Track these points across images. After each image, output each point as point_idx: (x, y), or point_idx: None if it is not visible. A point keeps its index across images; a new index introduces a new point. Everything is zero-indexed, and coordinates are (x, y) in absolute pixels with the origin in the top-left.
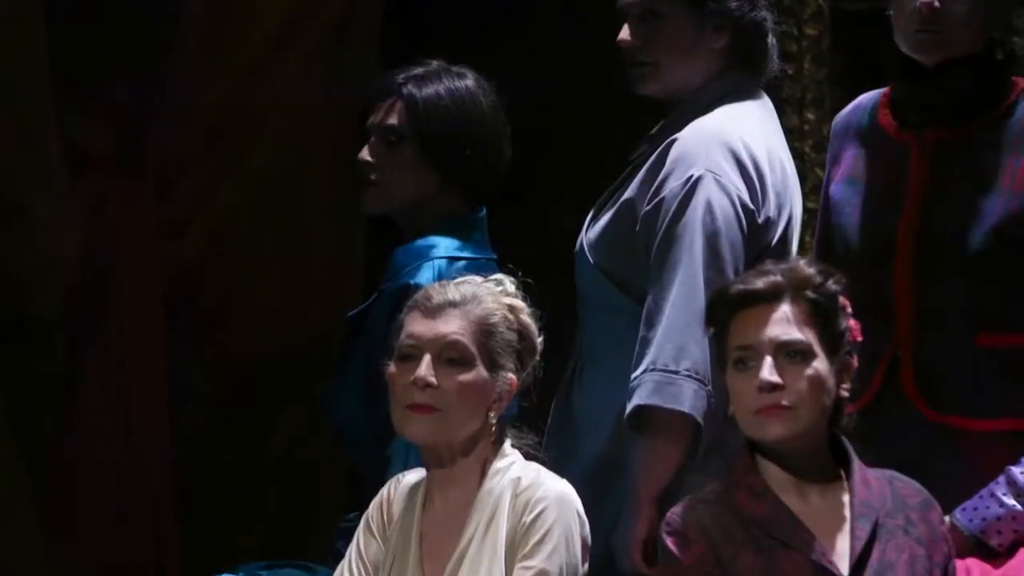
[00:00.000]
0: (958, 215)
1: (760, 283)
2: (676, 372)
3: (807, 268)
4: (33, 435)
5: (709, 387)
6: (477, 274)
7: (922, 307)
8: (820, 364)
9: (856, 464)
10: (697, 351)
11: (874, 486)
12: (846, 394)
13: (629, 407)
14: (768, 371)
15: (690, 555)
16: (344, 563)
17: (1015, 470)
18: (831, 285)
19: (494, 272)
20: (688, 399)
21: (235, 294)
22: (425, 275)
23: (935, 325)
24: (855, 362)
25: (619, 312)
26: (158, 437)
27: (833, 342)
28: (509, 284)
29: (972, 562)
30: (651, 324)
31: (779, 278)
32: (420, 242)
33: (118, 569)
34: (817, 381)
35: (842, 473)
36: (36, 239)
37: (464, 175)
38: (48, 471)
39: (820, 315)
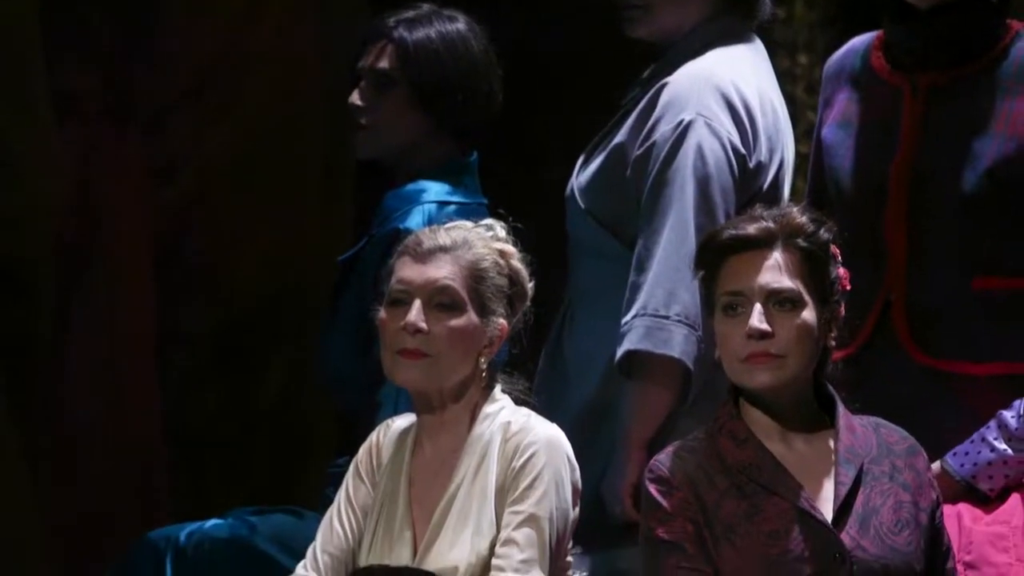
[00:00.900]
0: (951, 158)
1: (752, 229)
2: (666, 317)
3: (800, 216)
4: (20, 382)
5: (699, 332)
6: (467, 219)
7: (915, 250)
8: (809, 313)
9: (841, 411)
10: (687, 296)
11: (859, 433)
12: (833, 343)
13: (619, 352)
14: (757, 319)
15: (673, 501)
16: (333, 508)
17: (1006, 414)
18: (823, 234)
19: (485, 217)
20: (678, 344)
21: (224, 239)
22: (415, 219)
23: (928, 269)
24: (843, 311)
25: (609, 257)
26: (146, 383)
27: (823, 291)
28: (500, 229)
29: (963, 507)
30: (641, 269)
31: (771, 224)
32: (410, 186)
33: (107, 517)
34: (806, 330)
35: (827, 420)
36: (23, 184)
37: (455, 120)
38: (36, 418)
39: (811, 264)
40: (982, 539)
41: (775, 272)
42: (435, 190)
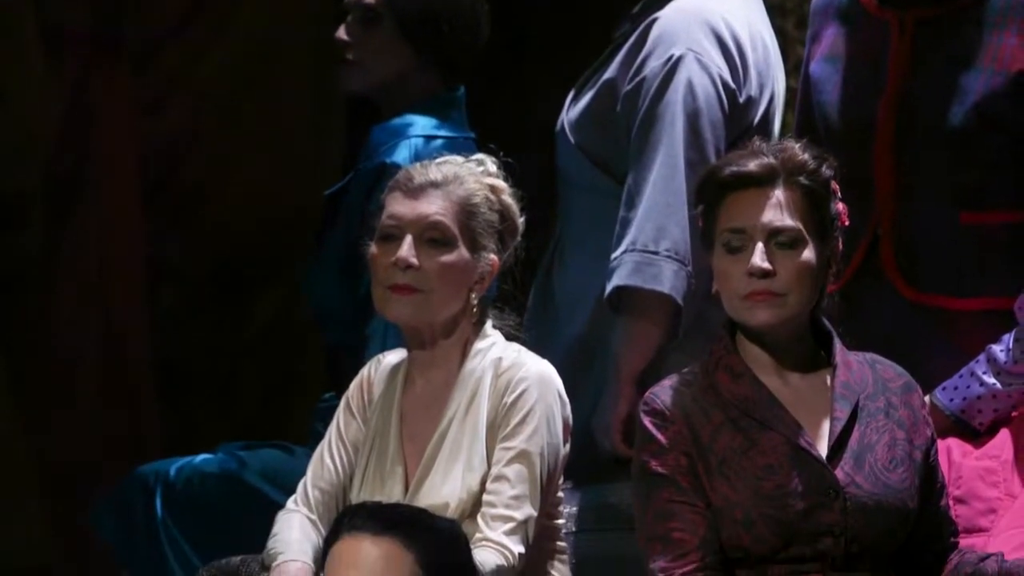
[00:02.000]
0: (939, 93)
1: (753, 166)
2: (656, 253)
3: (801, 153)
4: (9, 314)
5: (689, 267)
6: (454, 153)
7: (902, 185)
8: (810, 251)
9: (838, 347)
10: (677, 231)
11: (855, 369)
12: (832, 278)
13: (609, 287)
14: (759, 257)
15: (668, 435)
16: (324, 443)
17: (995, 348)
18: (824, 171)
19: (472, 151)
20: (668, 279)
21: (213, 172)
22: (402, 153)
23: (915, 203)
24: (841, 246)
25: (599, 192)
26: (135, 316)
27: (823, 228)
28: (491, 164)
29: (952, 442)
30: (631, 204)
31: (773, 161)
32: (397, 120)
33: (96, 450)
34: (806, 268)
35: (823, 356)
36: (13, 118)
37: (441, 53)
38: (25, 351)
39: (812, 201)
40: (971, 474)
41: (777, 210)
42: (422, 124)
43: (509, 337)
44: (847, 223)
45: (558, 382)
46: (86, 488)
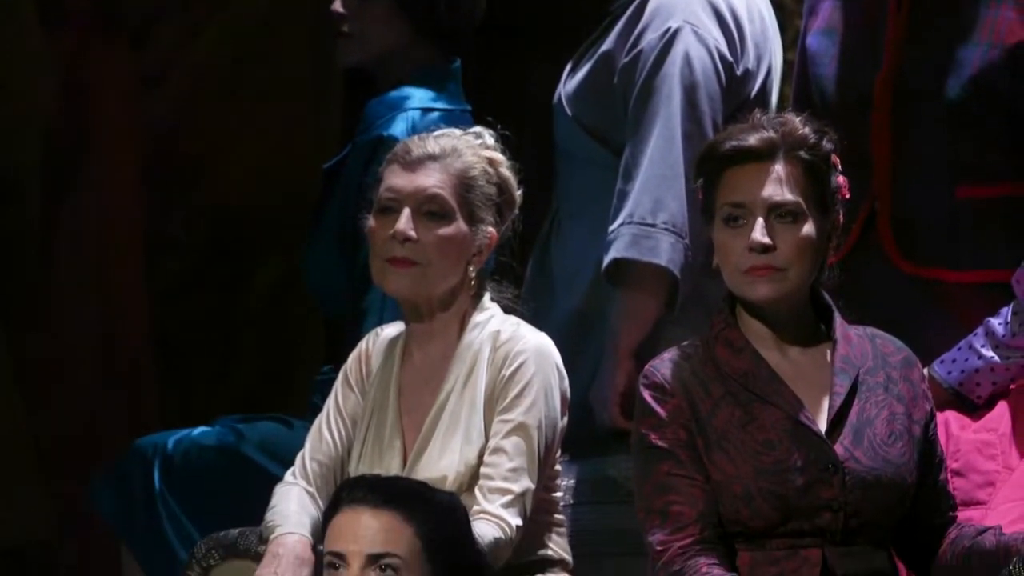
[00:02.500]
0: (936, 67)
1: (753, 140)
2: (653, 225)
3: (802, 127)
4: (8, 288)
5: (686, 240)
6: (451, 126)
7: (900, 159)
8: (810, 226)
9: (838, 321)
10: (674, 204)
11: (855, 343)
12: (832, 251)
13: (606, 260)
14: (760, 232)
15: (667, 408)
16: (322, 417)
17: (993, 321)
18: (825, 144)
19: (469, 124)
20: (665, 252)
21: (212, 145)
22: (398, 127)
23: (913, 177)
24: (841, 219)
25: (597, 165)
26: (134, 290)
27: (824, 202)
28: (488, 137)
29: (950, 415)
30: (628, 177)
31: (773, 135)
32: (393, 93)
33: (95, 423)
34: (807, 243)
35: (823, 330)
36: (12, 91)
37: (438, 26)
38: (24, 326)
39: (813, 176)
40: (969, 447)
41: (777, 185)
42: (418, 97)
43: (507, 310)
44: (848, 196)
45: (556, 355)
46: (85, 462)
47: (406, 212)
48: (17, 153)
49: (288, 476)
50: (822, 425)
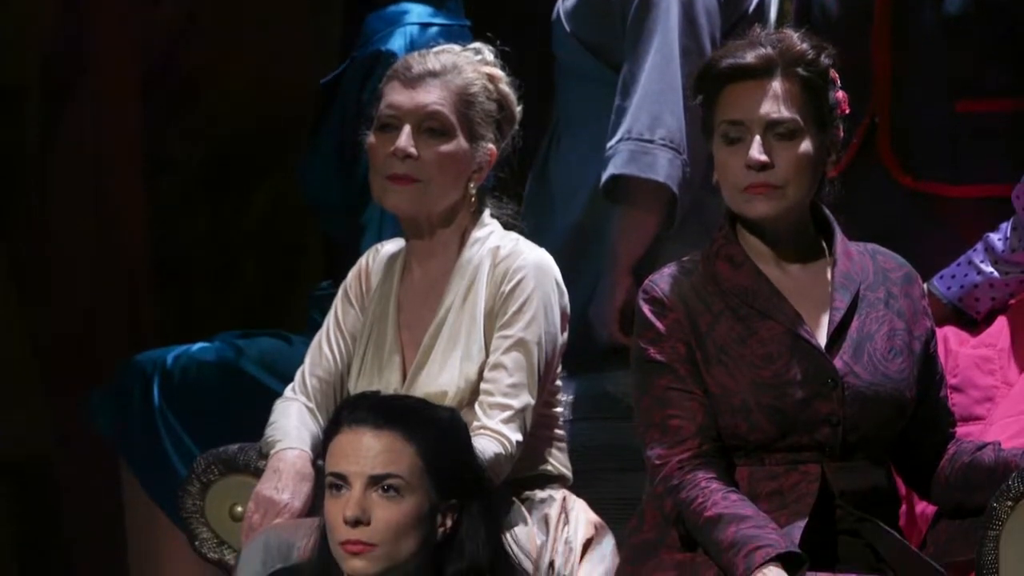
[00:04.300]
0: None
1: (751, 57)
2: (651, 141)
3: (800, 43)
4: (7, 207)
5: (685, 156)
6: (450, 41)
7: (899, 73)
8: (808, 143)
9: (838, 237)
10: (672, 120)
11: (855, 259)
12: (832, 167)
13: (604, 177)
14: (757, 150)
15: (666, 322)
16: (322, 332)
17: (993, 237)
18: (823, 60)
19: (468, 39)
20: (663, 168)
21: (210, 63)
22: (397, 41)
23: (913, 91)
24: (841, 134)
25: (595, 81)
26: (133, 207)
27: (822, 118)
28: (488, 53)
29: (949, 330)
30: (626, 93)
31: (771, 51)
32: (392, 8)
33: (95, 340)
34: (806, 159)
35: (824, 246)
36: (9, 7)
37: None
38: (23, 244)
39: (811, 92)
40: (968, 362)
41: (775, 102)
42: (417, 11)
43: (507, 226)
44: (847, 111)
45: (556, 271)
46: (84, 378)
47: (406, 129)
48: (15, 70)
49: (288, 392)
50: (822, 340)
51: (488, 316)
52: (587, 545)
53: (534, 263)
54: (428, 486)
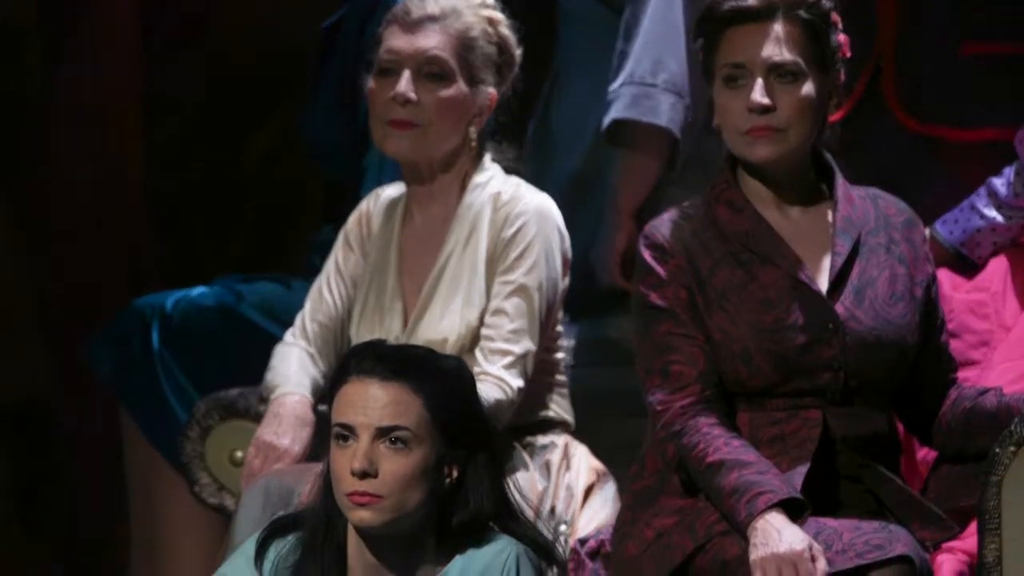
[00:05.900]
0: None
1: (752, 0)
2: (653, 85)
3: None
4: (7, 150)
5: (687, 100)
6: None
7: (905, 16)
8: (810, 85)
9: (840, 181)
10: (674, 64)
11: (857, 204)
12: (833, 110)
13: (606, 121)
14: (759, 92)
15: (667, 268)
16: (322, 277)
17: (996, 181)
18: (825, 3)
19: None
20: (665, 112)
21: (212, 4)
22: None
23: (918, 34)
24: (842, 77)
25: (598, 24)
26: (133, 149)
27: (824, 61)
28: None
29: (943, 275)
30: (628, 37)
31: None
32: None
33: (94, 284)
34: (807, 102)
35: (825, 190)
36: None
37: None
38: (23, 187)
39: (812, 34)
40: (962, 307)
41: (776, 45)
42: None
43: (508, 171)
44: (849, 54)
45: (557, 215)
46: (84, 322)
47: (406, 74)
48: (13, 11)
49: (288, 336)
50: (823, 285)
51: (489, 262)
52: (588, 491)
53: (535, 208)
54: (435, 437)
